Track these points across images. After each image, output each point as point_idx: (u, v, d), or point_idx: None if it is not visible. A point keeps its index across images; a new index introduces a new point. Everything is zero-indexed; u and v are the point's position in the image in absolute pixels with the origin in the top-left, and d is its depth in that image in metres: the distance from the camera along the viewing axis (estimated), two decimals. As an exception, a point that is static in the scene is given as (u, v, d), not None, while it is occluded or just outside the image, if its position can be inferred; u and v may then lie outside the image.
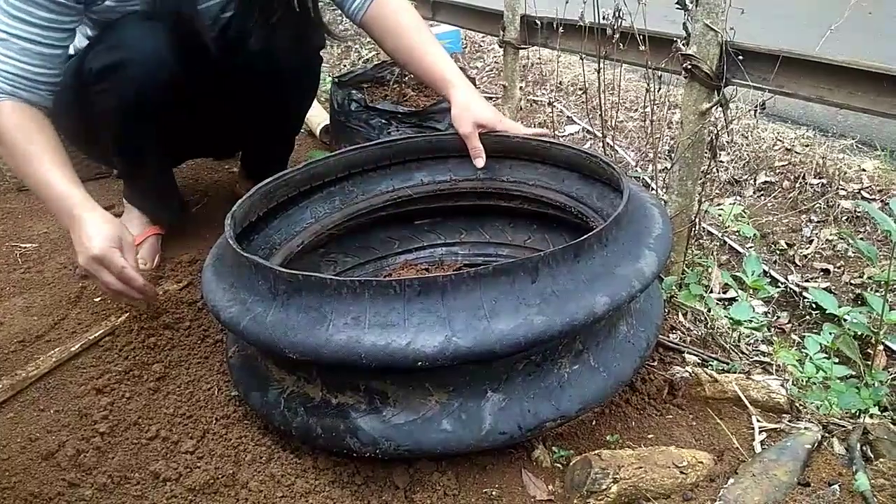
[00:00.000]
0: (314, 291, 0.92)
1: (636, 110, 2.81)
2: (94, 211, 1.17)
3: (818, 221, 2.14)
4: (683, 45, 1.38)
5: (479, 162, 1.38)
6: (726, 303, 1.66)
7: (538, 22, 2.05)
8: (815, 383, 1.21)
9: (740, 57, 1.32)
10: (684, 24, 1.37)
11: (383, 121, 1.99)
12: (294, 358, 0.90)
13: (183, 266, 1.58)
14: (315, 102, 2.53)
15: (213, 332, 1.34)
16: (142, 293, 1.20)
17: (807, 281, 1.93)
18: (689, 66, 1.36)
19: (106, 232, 1.15)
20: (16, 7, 1.17)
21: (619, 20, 1.55)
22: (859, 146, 2.52)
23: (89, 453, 1.05)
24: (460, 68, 2.38)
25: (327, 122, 2.28)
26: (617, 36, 1.58)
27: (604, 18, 1.60)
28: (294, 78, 1.57)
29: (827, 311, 1.31)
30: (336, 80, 2.18)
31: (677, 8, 1.36)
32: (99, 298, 1.49)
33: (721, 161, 2.37)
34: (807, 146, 2.44)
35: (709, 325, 1.40)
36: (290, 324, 0.91)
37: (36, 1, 1.17)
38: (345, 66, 3.61)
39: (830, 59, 1.25)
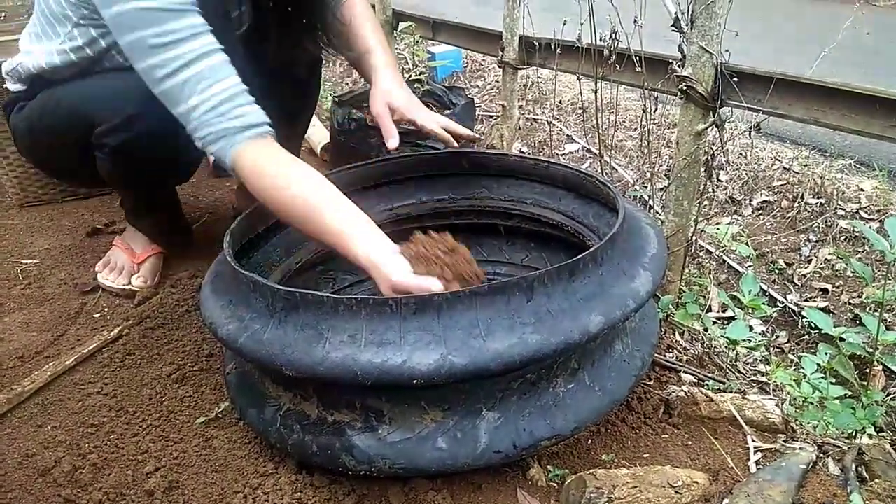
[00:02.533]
0: (311, 309, 0.93)
1: (635, 129, 2.82)
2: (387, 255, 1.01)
3: (817, 241, 2.14)
4: (679, 66, 1.39)
5: (391, 142, 1.35)
6: (725, 322, 1.67)
7: (536, 43, 2.07)
8: (811, 403, 1.21)
9: (735, 78, 1.33)
10: (679, 46, 1.38)
11: (383, 139, 2.01)
12: (290, 375, 0.91)
13: (183, 282, 1.59)
14: (316, 120, 2.56)
15: (211, 349, 1.35)
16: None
17: (805, 300, 1.93)
18: (685, 88, 1.37)
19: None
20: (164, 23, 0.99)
21: (616, 42, 1.57)
22: (857, 166, 2.53)
23: (86, 470, 1.05)
24: (460, 87, 2.40)
25: (327, 140, 2.30)
26: (613, 57, 1.59)
27: (601, 40, 1.62)
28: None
29: (824, 332, 1.31)
30: (336, 98, 2.21)
31: (672, 30, 1.37)
32: (98, 315, 1.50)
33: (719, 180, 2.39)
34: (805, 166, 2.46)
35: (705, 345, 1.41)
36: (287, 341, 0.91)
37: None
38: (346, 84, 3.64)
39: (823, 81, 1.27)
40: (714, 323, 1.52)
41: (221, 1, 1.16)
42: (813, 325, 1.73)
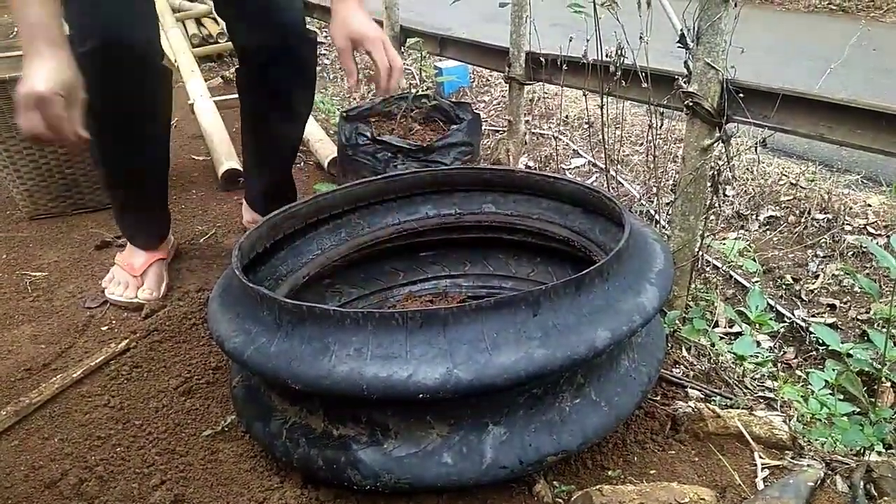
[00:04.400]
0: (318, 322, 0.93)
1: (641, 144, 2.83)
2: (57, 51, 1.05)
3: (824, 256, 2.14)
4: (685, 82, 1.40)
5: (350, 80, 1.29)
6: (732, 337, 1.66)
7: (542, 59, 2.09)
8: (819, 420, 1.21)
9: (741, 94, 1.34)
10: (685, 62, 1.39)
11: (390, 154, 2.02)
12: (296, 388, 0.91)
13: (191, 295, 1.59)
14: (323, 135, 2.58)
15: (218, 362, 1.35)
16: (65, 142, 1.07)
17: (813, 316, 1.92)
18: (691, 104, 1.38)
19: (59, 77, 1.03)
20: None
21: (622, 58, 1.58)
22: (864, 181, 2.53)
23: (92, 482, 1.05)
24: (467, 103, 2.41)
25: (335, 154, 2.31)
26: (619, 73, 1.60)
27: (607, 56, 1.63)
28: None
29: (831, 348, 1.31)
30: (344, 114, 2.22)
31: (679, 46, 1.38)
32: (106, 327, 1.51)
33: (726, 196, 2.39)
34: (812, 181, 2.46)
35: (712, 360, 1.40)
36: (294, 354, 0.92)
37: None
38: (354, 100, 3.66)
39: (830, 97, 1.27)
40: (721, 338, 1.51)
41: None
42: (820, 341, 1.73)
